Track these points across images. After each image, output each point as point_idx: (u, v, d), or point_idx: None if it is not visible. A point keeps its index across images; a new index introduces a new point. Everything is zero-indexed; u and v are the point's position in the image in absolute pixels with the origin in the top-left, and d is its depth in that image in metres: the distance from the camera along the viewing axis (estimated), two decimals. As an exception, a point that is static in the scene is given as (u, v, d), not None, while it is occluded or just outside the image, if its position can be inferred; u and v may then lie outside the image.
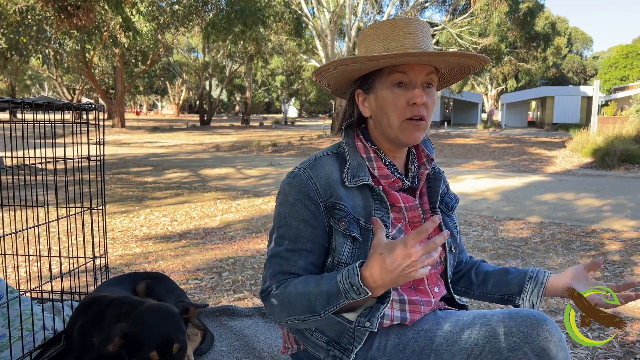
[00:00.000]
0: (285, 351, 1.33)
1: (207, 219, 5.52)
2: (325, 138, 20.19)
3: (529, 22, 24.32)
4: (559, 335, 1.05)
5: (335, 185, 1.15)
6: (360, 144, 1.22)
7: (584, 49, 60.00)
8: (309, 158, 1.22)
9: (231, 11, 17.40)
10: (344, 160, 1.20)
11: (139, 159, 12.86)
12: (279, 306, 1.12)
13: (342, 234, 1.13)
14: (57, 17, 9.86)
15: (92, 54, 25.46)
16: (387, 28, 1.17)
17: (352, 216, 1.14)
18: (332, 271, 1.14)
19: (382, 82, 1.17)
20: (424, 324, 1.15)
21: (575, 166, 11.43)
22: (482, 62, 1.19)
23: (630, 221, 5.44)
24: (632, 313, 2.84)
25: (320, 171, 1.16)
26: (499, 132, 26.46)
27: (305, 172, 1.17)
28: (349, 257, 1.14)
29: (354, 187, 1.16)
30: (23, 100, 1.61)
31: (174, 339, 1.27)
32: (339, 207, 1.13)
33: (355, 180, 1.16)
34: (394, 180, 1.20)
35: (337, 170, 1.18)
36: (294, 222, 1.15)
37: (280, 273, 1.15)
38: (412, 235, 0.96)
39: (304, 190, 1.14)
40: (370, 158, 1.20)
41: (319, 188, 1.15)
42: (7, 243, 2.46)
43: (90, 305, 1.55)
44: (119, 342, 1.25)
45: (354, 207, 1.15)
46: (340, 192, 1.14)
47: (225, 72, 36.70)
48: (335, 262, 1.15)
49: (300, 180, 1.16)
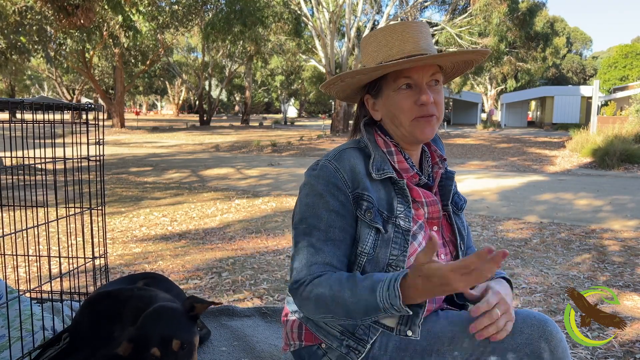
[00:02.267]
0: (287, 348, 1.33)
1: (207, 219, 5.52)
2: (325, 138, 20.19)
3: (528, 22, 24.34)
4: (561, 337, 1.05)
5: (361, 177, 1.16)
6: (380, 139, 1.24)
7: (584, 49, 60.05)
8: (332, 151, 1.23)
9: (230, 11, 17.40)
10: (366, 154, 1.21)
11: (138, 159, 12.85)
12: (312, 304, 1.11)
13: (368, 225, 1.14)
14: (57, 17, 9.85)
15: (92, 54, 25.46)
16: (387, 34, 1.20)
17: (377, 208, 1.15)
18: (355, 261, 1.15)
19: (389, 87, 1.20)
20: (426, 324, 1.16)
21: (575, 166, 11.43)
22: (483, 55, 1.22)
23: (630, 221, 5.44)
24: (632, 313, 2.84)
25: (345, 163, 1.18)
26: (498, 132, 26.47)
27: (331, 164, 1.18)
28: (371, 248, 1.14)
29: (378, 180, 1.18)
30: (22, 101, 1.61)
31: (174, 335, 1.29)
32: (366, 198, 1.15)
33: (381, 173, 1.17)
34: (413, 175, 1.22)
35: (361, 162, 1.19)
36: (324, 212, 1.15)
37: (315, 264, 1.13)
38: (457, 266, 0.92)
39: (332, 180, 1.15)
40: (391, 152, 1.22)
41: (346, 179, 1.16)
42: (7, 243, 2.46)
43: (101, 301, 1.56)
44: (127, 346, 1.28)
45: (379, 200, 1.16)
46: (367, 183, 1.16)
47: (225, 72, 36.70)
48: (359, 252, 1.16)
49: (327, 171, 1.17)
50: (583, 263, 3.89)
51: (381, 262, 1.15)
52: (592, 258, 4.02)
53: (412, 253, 1.16)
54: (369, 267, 1.15)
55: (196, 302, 1.39)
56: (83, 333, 1.54)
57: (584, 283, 3.43)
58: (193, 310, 1.39)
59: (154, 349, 1.26)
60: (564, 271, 3.66)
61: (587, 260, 3.98)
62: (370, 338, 1.15)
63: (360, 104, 1.31)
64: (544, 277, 3.52)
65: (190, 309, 1.38)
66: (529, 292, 3.21)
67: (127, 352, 1.29)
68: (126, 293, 1.58)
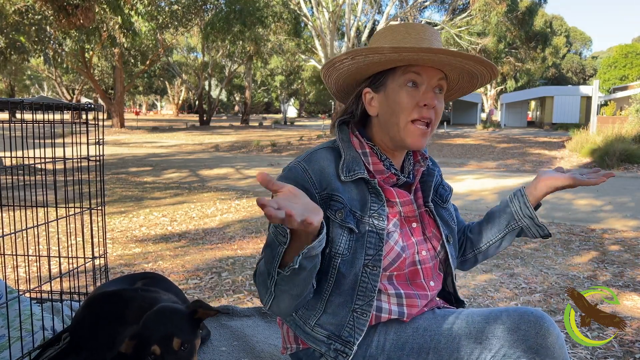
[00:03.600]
0: (285, 351, 1.33)
1: (207, 219, 5.52)
2: (324, 138, 20.20)
3: (528, 22, 24.34)
4: (557, 333, 1.05)
5: (331, 177, 1.15)
6: (356, 139, 1.23)
7: (583, 48, 60.06)
8: (305, 152, 1.22)
9: (230, 11, 17.39)
10: (339, 155, 1.20)
11: (138, 159, 12.85)
12: (259, 284, 1.09)
13: (339, 225, 1.13)
14: (56, 17, 9.85)
15: (92, 54, 25.46)
16: (403, 30, 1.18)
17: (349, 208, 1.15)
18: (330, 263, 1.15)
19: (394, 81, 1.17)
20: (423, 322, 1.16)
21: (575, 166, 11.44)
22: (492, 74, 1.19)
23: (629, 221, 5.44)
24: (632, 313, 2.84)
25: (315, 164, 1.17)
26: (498, 132, 26.48)
27: (300, 165, 1.17)
28: (345, 249, 1.14)
29: (349, 181, 1.17)
30: (22, 100, 1.61)
31: (175, 334, 1.30)
32: (335, 199, 1.14)
33: (351, 175, 1.16)
34: (388, 176, 1.21)
35: (332, 163, 1.18)
36: None
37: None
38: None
39: (300, 182, 1.14)
40: (366, 153, 1.21)
41: (314, 180, 1.15)
42: (7, 243, 2.46)
43: (103, 301, 1.56)
44: (129, 343, 1.29)
45: (350, 200, 1.15)
46: (336, 184, 1.15)
47: (225, 72, 36.69)
48: (333, 253, 1.15)
49: (295, 172, 1.16)
50: (583, 263, 3.89)
51: (357, 264, 1.14)
52: (592, 258, 4.02)
53: (388, 252, 1.15)
54: (344, 267, 1.14)
55: (201, 307, 1.40)
56: (84, 333, 1.54)
57: (584, 283, 3.43)
58: (196, 313, 1.39)
59: (154, 346, 1.27)
60: (563, 271, 3.67)
61: (587, 260, 3.98)
62: (355, 339, 1.14)
63: (356, 97, 1.25)
64: (543, 277, 3.52)
65: (193, 312, 1.39)
66: (528, 292, 3.21)
67: (129, 349, 1.29)
68: (129, 294, 1.58)
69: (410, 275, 1.21)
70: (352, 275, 1.15)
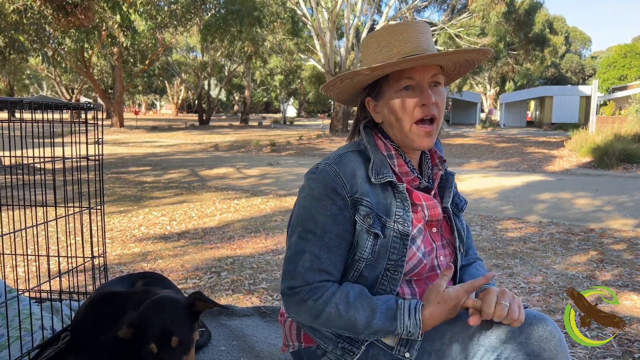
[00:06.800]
0: (286, 349, 1.33)
1: (206, 219, 5.51)
2: (324, 137, 20.19)
3: (527, 22, 24.34)
4: (559, 336, 1.05)
5: (361, 181, 1.15)
6: (380, 142, 1.23)
7: (583, 48, 60.06)
8: (332, 154, 1.21)
9: (228, 11, 17.38)
10: (366, 157, 1.20)
11: (137, 158, 12.84)
12: (312, 317, 1.13)
13: (366, 230, 1.13)
14: (55, 16, 9.83)
15: (91, 54, 25.43)
16: (387, 35, 1.18)
17: (375, 213, 1.14)
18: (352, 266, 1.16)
19: (390, 88, 1.18)
20: None
21: (574, 166, 11.44)
22: (485, 54, 1.20)
23: (629, 220, 5.44)
24: (632, 313, 2.84)
25: (345, 167, 1.16)
26: (497, 132, 26.48)
27: (331, 168, 1.16)
28: (370, 254, 1.14)
29: (377, 184, 1.16)
30: (22, 100, 1.60)
31: (174, 332, 1.28)
32: (365, 204, 1.13)
33: (380, 177, 1.16)
34: (413, 178, 1.21)
35: (361, 166, 1.17)
36: (321, 217, 1.14)
37: (310, 270, 1.13)
38: (466, 287, 1.09)
39: (331, 185, 1.14)
40: (392, 155, 1.21)
41: (345, 183, 1.14)
42: (6, 243, 2.45)
43: (104, 301, 1.56)
44: (127, 330, 1.29)
45: (377, 204, 1.15)
46: (366, 188, 1.15)
47: (224, 72, 36.67)
48: (357, 258, 1.15)
49: (326, 175, 1.15)
50: (582, 262, 3.89)
51: (379, 267, 1.14)
52: (592, 257, 4.02)
53: (410, 257, 1.15)
54: (367, 271, 1.15)
55: (199, 299, 1.39)
56: (84, 333, 1.54)
57: (583, 282, 3.43)
58: (194, 306, 1.38)
59: (151, 345, 1.26)
60: (563, 270, 3.67)
61: (587, 259, 3.98)
62: (365, 340, 1.15)
63: (361, 106, 1.28)
64: (543, 276, 3.52)
65: (192, 304, 1.38)
66: (528, 292, 3.21)
67: (128, 335, 1.29)
68: (130, 294, 1.58)
69: (430, 280, 1.21)
70: (373, 278, 1.15)
